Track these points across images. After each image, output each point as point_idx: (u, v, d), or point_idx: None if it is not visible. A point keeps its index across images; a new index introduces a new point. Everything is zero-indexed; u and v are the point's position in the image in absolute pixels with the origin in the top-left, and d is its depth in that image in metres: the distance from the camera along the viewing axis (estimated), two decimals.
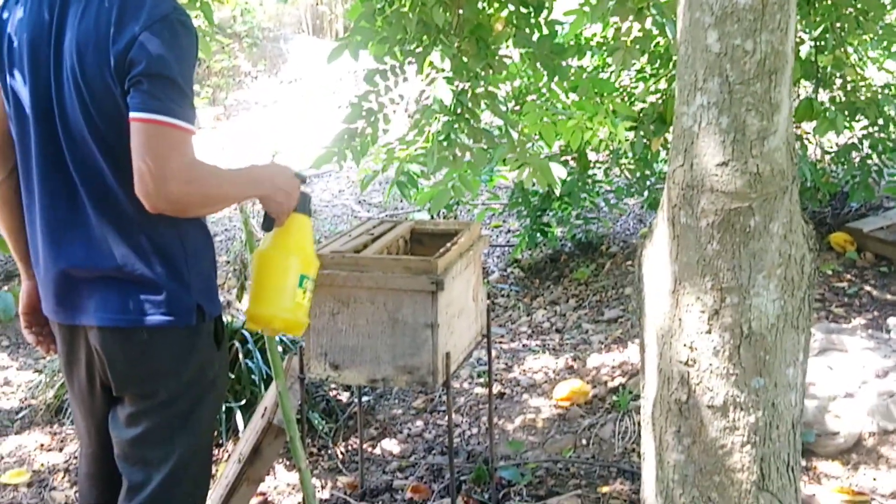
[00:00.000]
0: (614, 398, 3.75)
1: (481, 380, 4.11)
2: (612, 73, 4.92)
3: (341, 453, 3.58)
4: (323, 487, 3.31)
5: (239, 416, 3.49)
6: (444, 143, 3.24)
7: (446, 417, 3.73)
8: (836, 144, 5.15)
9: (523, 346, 4.51)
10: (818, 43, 4.46)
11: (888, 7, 4.30)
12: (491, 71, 3.26)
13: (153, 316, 1.96)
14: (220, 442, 3.54)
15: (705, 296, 1.91)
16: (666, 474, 2.04)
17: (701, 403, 1.96)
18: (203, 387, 2.10)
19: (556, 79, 3.48)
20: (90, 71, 1.88)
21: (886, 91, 4.79)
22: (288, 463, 3.47)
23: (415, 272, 2.62)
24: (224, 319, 2.22)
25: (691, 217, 1.89)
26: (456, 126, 3.24)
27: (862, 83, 4.71)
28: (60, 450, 3.65)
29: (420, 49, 3.18)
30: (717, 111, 1.80)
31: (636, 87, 5.03)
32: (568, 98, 4.12)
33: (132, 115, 1.82)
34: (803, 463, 3.16)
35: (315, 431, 3.65)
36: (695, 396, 1.97)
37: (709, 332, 1.92)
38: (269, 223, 2.14)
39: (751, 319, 1.90)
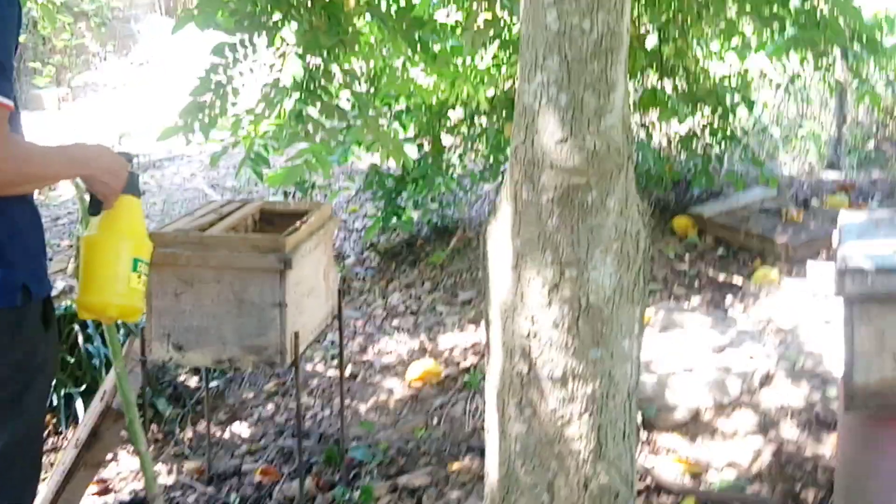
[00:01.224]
0: (466, 378, 3.80)
1: (334, 362, 4.08)
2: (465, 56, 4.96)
3: (188, 439, 3.49)
4: (169, 473, 3.23)
5: (79, 403, 3.36)
6: (296, 120, 3.19)
7: (296, 400, 3.69)
8: (679, 133, 5.35)
9: (378, 328, 4.51)
10: (662, 34, 4.62)
11: (728, 1, 4.49)
12: (344, 47, 3.23)
13: None
14: (60, 430, 3.40)
15: (545, 270, 1.94)
16: (508, 445, 2.07)
17: (541, 375, 2.00)
18: (30, 371, 2.00)
19: (418, 50, 3.47)
20: None
21: (725, 82, 5.00)
22: (131, 450, 3.36)
23: (262, 251, 2.58)
24: (60, 303, 2.14)
25: (532, 193, 1.92)
26: (308, 103, 3.20)
27: (702, 74, 4.90)
28: None
29: (271, 23, 3.12)
30: (557, 89, 1.83)
31: (490, 73, 5.09)
32: (428, 73, 4.13)
33: None
34: (644, 436, 3.28)
35: (161, 417, 3.55)
36: (535, 369, 2.00)
37: (549, 305, 1.96)
38: (95, 206, 2.04)
39: (589, 293, 1.95)
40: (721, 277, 4.59)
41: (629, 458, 2.10)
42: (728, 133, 5.07)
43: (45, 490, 2.66)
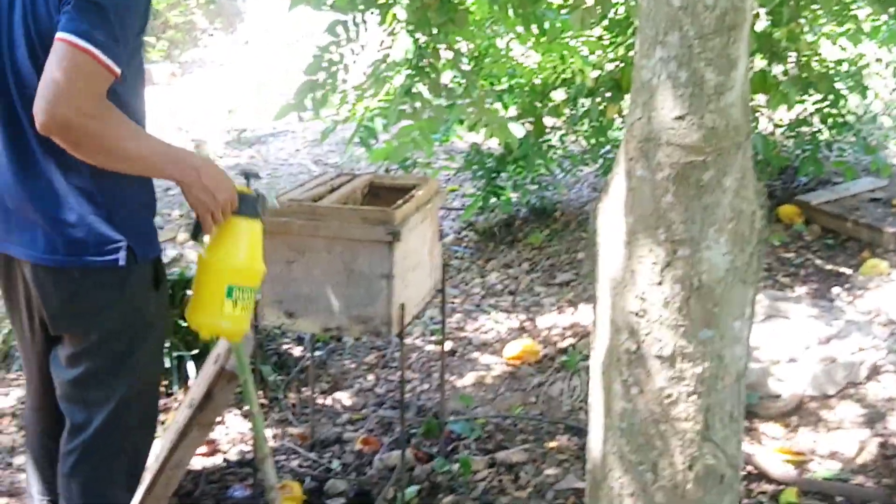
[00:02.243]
0: (564, 358, 3.81)
1: (434, 337, 4.14)
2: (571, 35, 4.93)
3: (292, 405, 3.59)
4: (274, 438, 3.33)
5: (191, 366, 3.49)
6: (405, 97, 3.24)
7: (398, 373, 3.76)
8: (788, 119, 5.23)
9: (476, 306, 4.55)
10: (773, 16, 4.51)
11: None
12: (454, 25, 3.26)
13: (81, 257, 1.96)
14: (171, 391, 3.54)
15: (658, 248, 1.94)
16: (612, 423, 2.08)
17: (649, 354, 2.00)
18: (139, 328, 2.09)
19: (530, 27, 3.48)
20: (40, 9, 1.87)
21: (839, 67, 4.86)
22: (239, 412, 3.48)
23: (372, 222, 2.63)
24: (171, 270, 2.23)
25: (647, 170, 1.92)
26: (417, 80, 3.24)
27: (815, 58, 4.78)
28: (7, 394, 3.62)
29: (383, 0, 3.17)
30: (676, 65, 1.82)
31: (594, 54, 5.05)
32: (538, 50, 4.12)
33: (56, 35, 1.78)
34: (745, 424, 3.24)
35: (266, 384, 3.66)
36: (644, 347, 2.00)
37: (660, 283, 1.96)
38: (195, 230, 2.07)
39: (701, 272, 1.94)
40: (828, 267, 4.48)
41: (736, 441, 2.09)
42: (839, 120, 4.93)
43: (158, 448, 2.77)
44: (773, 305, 3.88)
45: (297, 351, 3.96)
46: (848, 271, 4.40)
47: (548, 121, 5.40)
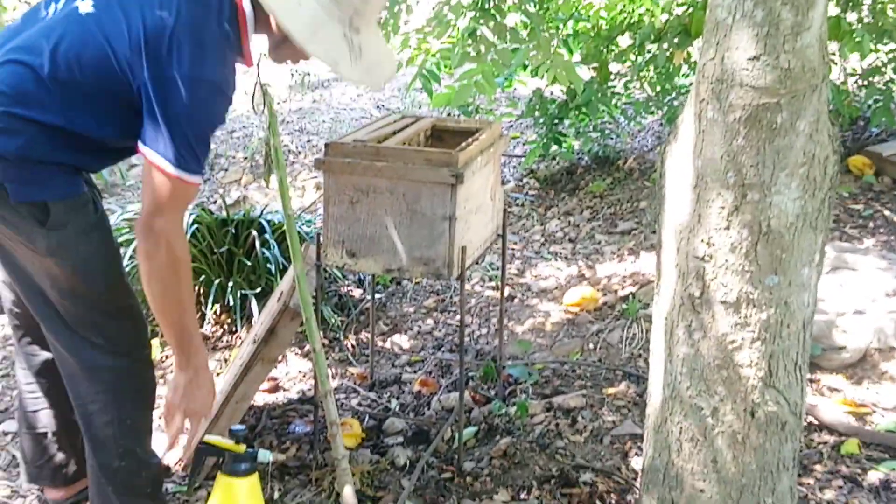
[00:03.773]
0: (623, 306, 3.79)
1: (493, 283, 4.15)
2: None
3: (352, 346, 3.64)
4: (334, 377, 3.38)
5: (254, 304, 3.54)
6: (469, 40, 3.21)
7: (456, 317, 3.79)
8: (861, 68, 5.08)
9: (535, 253, 4.54)
10: None
11: None
12: None
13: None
14: (235, 329, 3.60)
15: (727, 192, 1.91)
16: (674, 367, 2.07)
17: (714, 299, 1.98)
18: (36, 263, 2.13)
19: None
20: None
21: None
22: (300, 352, 3.54)
23: (435, 164, 2.63)
24: (237, 211, 2.27)
25: (719, 111, 1.88)
26: (482, 22, 3.21)
27: (891, 6, 4.62)
28: None
29: None
30: (752, 3, 1.78)
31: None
32: None
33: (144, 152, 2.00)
34: (809, 375, 3.21)
35: (327, 324, 3.71)
36: (709, 292, 1.99)
37: (727, 228, 1.93)
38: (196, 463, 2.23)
39: (770, 217, 1.91)
40: None
41: (800, 388, 2.06)
42: None
43: (222, 383, 2.84)
44: (841, 257, 3.80)
45: (357, 293, 4.00)
46: None
47: (613, 67, 5.32)
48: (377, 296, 4.01)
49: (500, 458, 2.80)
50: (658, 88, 5.23)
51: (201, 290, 3.58)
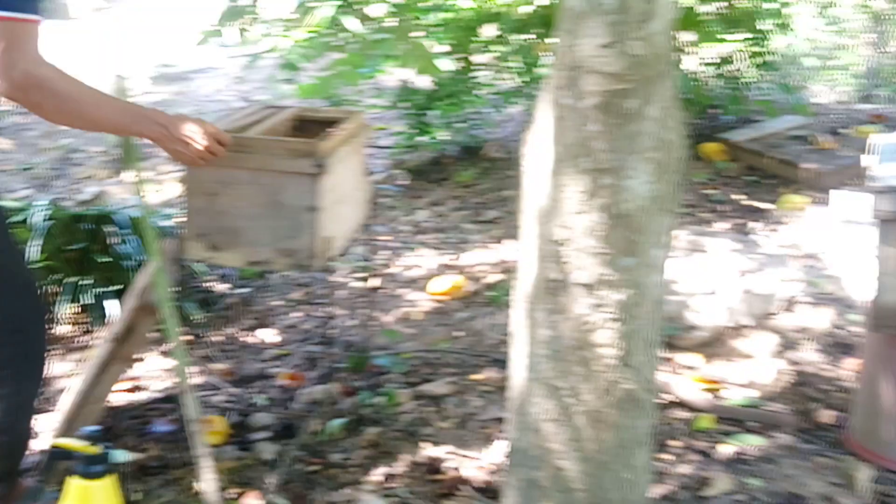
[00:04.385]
0: (490, 293, 3.84)
1: (360, 274, 4.13)
2: None
3: (216, 342, 3.57)
4: (197, 374, 3.31)
5: (111, 303, 3.42)
6: (331, 29, 3.18)
7: (324, 309, 3.76)
8: (713, 57, 5.28)
9: (404, 243, 4.55)
10: None
11: None
12: None
13: None
14: (92, 328, 3.48)
15: (583, 177, 1.95)
16: (535, 350, 2.11)
17: (572, 281, 2.02)
18: None
19: None
20: None
21: (763, 5, 4.91)
22: (160, 351, 3.44)
23: (297, 154, 2.59)
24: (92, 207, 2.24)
25: (573, 98, 1.92)
26: (344, 12, 3.18)
27: None
28: None
29: None
30: None
31: None
32: None
33: None
34: (665, 354, 3.33)
35: (190, 321, 3.62)
36: (566, 275, 2.03)
37: (584, 212, 1.97)
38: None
39: (624, 201, 1.96)
40: (748, 203, 4.58)
41: (653, 366, 2.13)
42: (763, 59, 5.00)
43: (79, 383, 2.73)
44: (695, 241, 3.96)
45: (222, 288, 3.92)
46: (767, 207, 4.51)
47: (479, 57, 5.36)
48: (242, 290, 3.94)
49: (367, 448, 2.79)
50: (522, 79, 5.31)
51: (56, 290, 3.44)
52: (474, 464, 2.71)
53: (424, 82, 5.41)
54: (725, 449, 2.82)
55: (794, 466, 2.72)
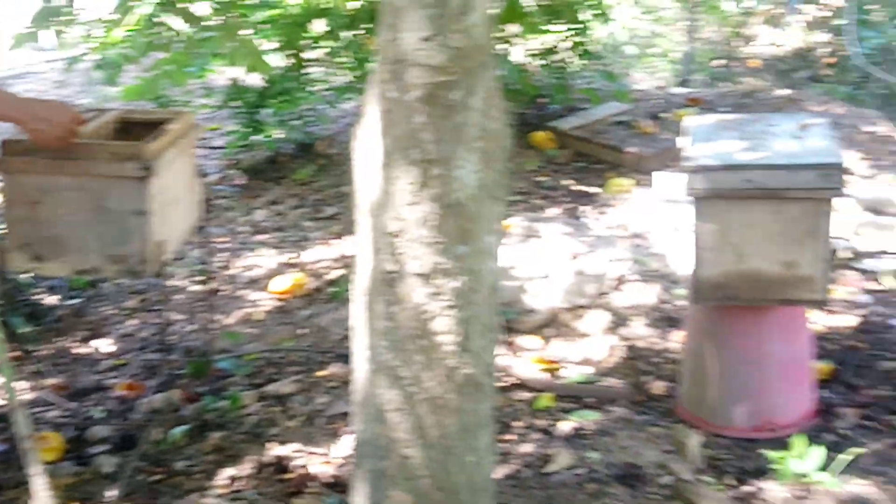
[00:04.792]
0: (333, 289, 3.84)
1: (198, 278, 4.04)
2: None
3: (47, 356, 3.42)
4: (29, 390, 3.17)
5: None
6: (152, 27, 3.10)
7: (161, 316, 3.66)
8: (538, 48, 5.43)
9: (242, 244, 4.49)
10: None
11: None
12: None
13: None
14: None
15: (413, 168, 1.99)
16: (375, 342, 2.13)
17: (408, 272, 2.06)
18: None
19: None
20: None
21: None
22: None
23: (121, 158, 2.52)
24: None
25: (399, 91, 1.95)
26: (165, 9, 3.11)
27: None
28: None
29: None
30: None
31: None
32: None
33: None
34: (504, 338, 3.42)
35: (18, 335, 3.46)
36: (403, 266, 2.06)
37: (416, 203, 2.01)
38: None
39: (454, 190, 2.01)
40: (578, 188, 4.75)
41: (491, 350, 2.19)
42: (584, 49, 5.19)
43: None
44: (529, 226, 4.08)
45: (51, 300, 3.76)
46: (596, 191, 4.69)
47: (311, 54, 5.33)
48: (73, 301, 3.79)
49: (212, 453, 2.76)
50: (355, 74, 5.32)
51: None
52: (322, 460, 2.72)
53: (255, 80, 5.34)
54: (565, 426, 2.92)
55: (630, 437, 2.85)
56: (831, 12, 7.54)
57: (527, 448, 2.80)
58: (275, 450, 2.77)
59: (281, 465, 2.67)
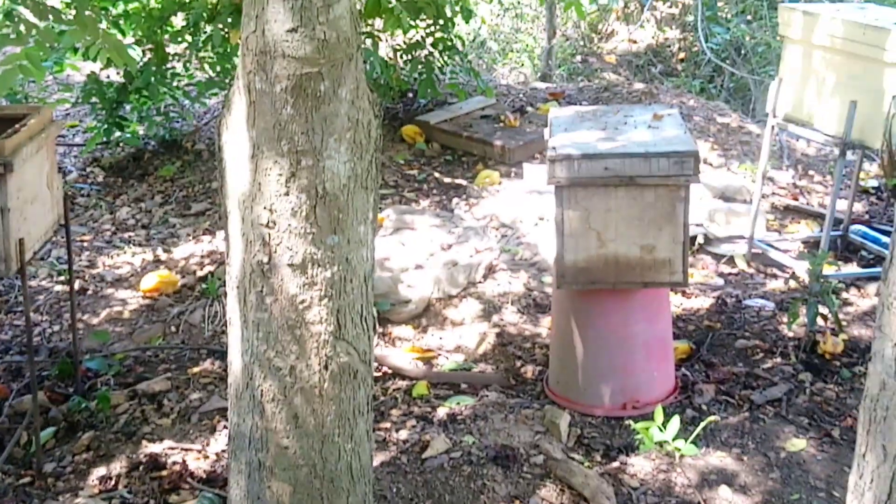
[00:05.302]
0: (203, 286, 3.80)
1: (60, 277, 3.93)
2: None
3: None
4: None
5: None
6: (5, 20, 3.00)
7: (22, 316, 3.54)
8: (405, 43, 5.48)
9: (107, 242, 4.37)
10: None
11: None
12: None
13: None
14: None
15: (282, 159, 2.00)
16: (251, 334, 2.14)
17: (281, 263, 2.07)
18: None
19: None
20: None
21: None
22: None
23: None
24: None
25: (266, 83, 1.96)
26: (18, 2, 3.00)
27: None
28: None
29: None
30: None
31: None
32: None
33: None
34: (380, 329, 3.45)
35: None
36: (276, 257, 2.07)
37: (287, 194, 2.02)
38: None
39: (325, 181, 2.03)
40: (447, 180, 4.83)
41: (367, 338, 2.22)
42: (448, 44, 5.26)
43: None
44: (401, 219, 4.12)
45: None
46: (465, 183, 4.78)
47: (171, 49, 5.22)
48: None
49: (83, 453, 2.70)
50: (218, 68, 5.24)
51: None
52: (197, 455, 2.69)
53: (116, 76, 5.21)
54: (441, 412, 2.98)
55: (503, 420, 2.93)
56: (681, 9, 7.88)
57: (404, 435, 2.84)
58: (148, 448, 2.73)
59: (155, 463, 2.63)
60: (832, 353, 3.30)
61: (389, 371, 3.21)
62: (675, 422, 2.30)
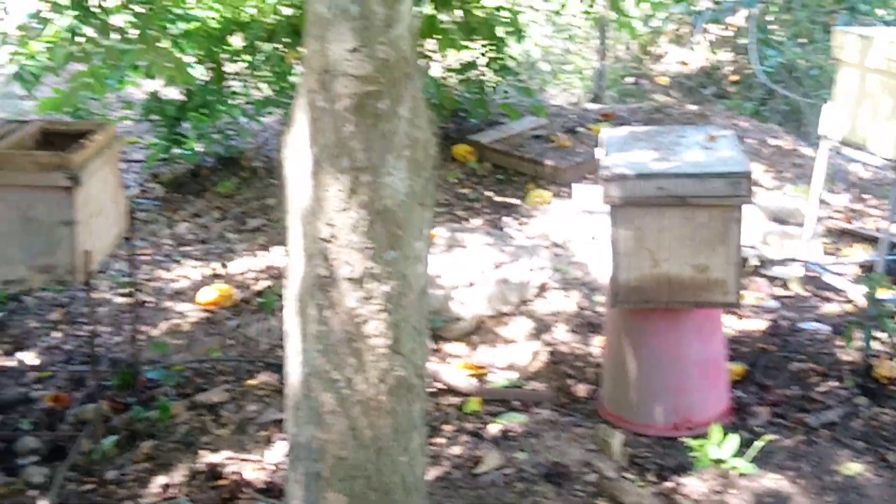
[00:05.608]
0: (260, 300, 3.86)
1: (122, 290, 4.02)
2: None
3: None
4: None
5: None
6: (71, 39, 3.10)
7: (85, 328, 3.63)
8: (457, 63, 5.54)
9: (166, 256, 4.47)
10: None
11: None
12: None
13: None
14: None
15: (343, 176, 2.05)
16: (309, 346, 2.18)
17: (340, 277, 2.11)
18: None
19: None
20: None
21: (498, 13, 5.21)
22: None
23: (48, 168, 2.53)
24: None
25: (327, 101, 2.01)
26: (83, 21, 3.11)
27: (476, 5, 5.10)
28: None
29: None
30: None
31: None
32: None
33: None
34: (432, 345, 3.49)
35: None
36: (335, 270, 2.11)
37: (346, 209, 2.07)
38: None
39: (384, 197, 2.07)
40: (499, 199, 4.86)
41: (422, 352, 2.26)
42: (500, 64, 5.31)
43: None
44: (453, 237, 4.16)
45: None
46: (516, 202, 4.81)
47: (230, 67, 5.34)
48: None
49: (144, 461, 2.76)
50: (275, 87, 5.34)
51: None
52: (255, 466, 2.74)
53: (175, 93, 5.33)
54: (493, 428, 3.00)
55: (555, 438, 2.94)
56: (734, 32, 7.85)
57: (456, 450, 2.87)
58: (207, 457, 2.78)
59: (214, 473, 2.68)
60: (888, 378, 3.27)
61: (442, 387, 3.24)
62: (733, 440, 2.29)
